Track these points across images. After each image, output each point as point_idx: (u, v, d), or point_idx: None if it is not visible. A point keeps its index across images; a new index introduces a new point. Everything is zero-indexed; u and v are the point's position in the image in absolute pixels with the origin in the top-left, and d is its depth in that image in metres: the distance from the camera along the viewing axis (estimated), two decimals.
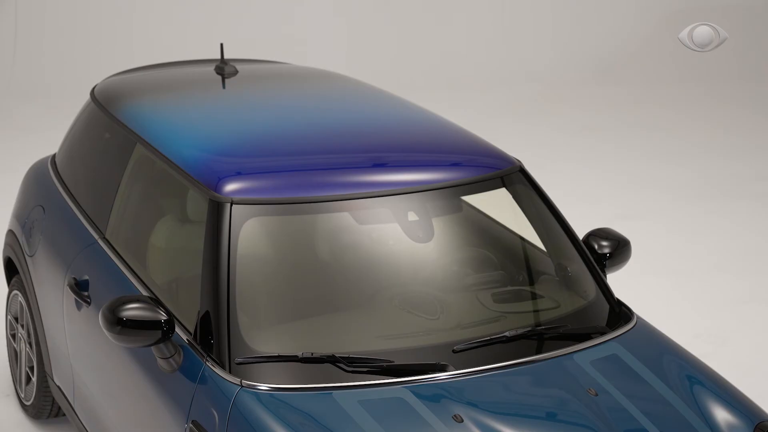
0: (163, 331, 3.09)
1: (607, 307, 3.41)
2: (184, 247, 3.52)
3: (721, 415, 3.08)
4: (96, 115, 4.15)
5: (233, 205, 3.21)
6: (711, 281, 5.95)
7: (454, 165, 3.50)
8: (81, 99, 4.86)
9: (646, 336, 3.35)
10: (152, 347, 3.15)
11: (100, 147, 4.07)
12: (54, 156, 4.52)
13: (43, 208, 4.27)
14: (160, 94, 4.13)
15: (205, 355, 3.11)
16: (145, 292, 3.46)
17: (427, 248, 3.43)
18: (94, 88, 4.34)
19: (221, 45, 4.39)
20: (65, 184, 4.24)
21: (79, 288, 3.74)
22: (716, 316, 5.56)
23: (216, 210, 3.21)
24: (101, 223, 3.86)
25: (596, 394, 3.04)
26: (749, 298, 5.76)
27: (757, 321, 5.52)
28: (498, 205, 3.64)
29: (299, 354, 3.03)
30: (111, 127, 4.00)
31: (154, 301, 3.13)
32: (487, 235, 3.76)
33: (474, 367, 3.06)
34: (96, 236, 3.86)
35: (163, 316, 3.09)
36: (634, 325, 3.36)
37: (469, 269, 3.44)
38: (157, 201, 3.74)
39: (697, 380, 3.19)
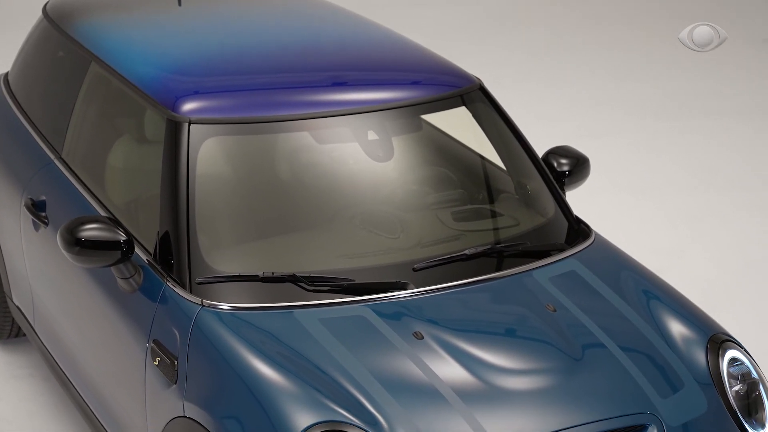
0: (123, 251, 3.08)
1: (565, 224, 3.44)
2: (143, 168, 3.50)
3: (677, 328, 3.14)
4: (48, 33, 4.08)
5: (191, 125, 3.18)
6: (668, 197, 6.01)
7: (414, 83, 3.48)
8: (33, 16, 4.76)
9: (604, 252, 3.39)
10: (112, 268, 3.14)
11: (54, 65, 4.00)
12: (6, 74, 4.45)
13: None
14: (114, 12, 4.06)
15: (166, 275, 3.11)
16: (103, 213, 3.43)
17: (387, 167, 3.42)
18: (46, 5, 4.25)
19: None
20: (19, 103, 4.17)
21: (36, 209, 3.71)
22: (673, 232, 5.64)
23: (174, 130, 3.18)
24: (57, 143, 3.82)
25: (555, 310, 3.08)
26: (706, 214, 5.83)
27: (713, 237, 5.61)
28: (458, 124, 3.63)
29: (260, 273, 3.03)
30: (64, 45, 3.93)
31: (113, 222, 3.11)
32: (447, 153, 3.76)
33: (434, 285, 3.08)
34: (52, 156, 3.82)
35: (122, 237, 3.08)
36: (592, 242, 3.40)
37: (429, 188, 3.45)
38: (114, 121, 3.70)
39: (654, 295, 3.24)
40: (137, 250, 3.22)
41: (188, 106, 3.21)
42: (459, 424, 2.74)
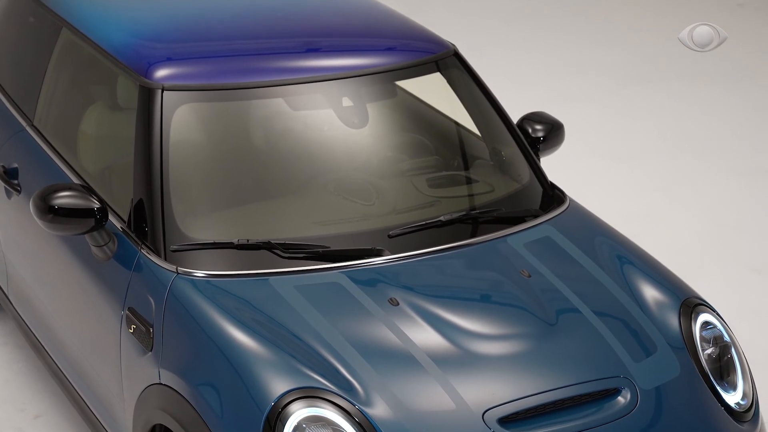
0: (96, 218, 3.07)
1: (540, 190, 3.45)
2: (116, 135, 3.48)
3: (650, 292, 3.16)
4: None
5: (164, 92, 3.16)
6: (643, 162, 6.04)
7: (389, 50, 3.47)
8: None
9: (579, 218, 3.41)
10: (86, 235, 3.13)
11: (25, 32, 3.96)
12: None
13: None
14: None
15: (140, 243, 3.10)
16: (76, 180, 3.42)
17: (362, 134, 3.42)
18: None
19: None
20: None
21: (9, 176, 3.68)
22: (647, 197, 5.67)
23: (147, 97, 3.16)
24: (29, 110, 3.79)
25: (529, 276, 3.09)
26: (680, 179, 5.86)
27: (687, 201, 5.64)
28: (432, 90, 3.63)
29: (235, 241, 3.03)
30: (35, 11, 3.89)
31: (87, 189, 3.10)
32: (422, 120, 3.76)
33: (409, 251, 3.09)
34: (24, 123, 3.79)
35: (96, 204, 3.06)
36: (566, 208, 3.41)
37: (404, 155, 3.45)
38: (86, 88, 3.67)
39: (628, 260, 3.26)
40: (111, 217, 3.21)
41: (161, 73, 3.19)
42: (434, 389, 2.76)
